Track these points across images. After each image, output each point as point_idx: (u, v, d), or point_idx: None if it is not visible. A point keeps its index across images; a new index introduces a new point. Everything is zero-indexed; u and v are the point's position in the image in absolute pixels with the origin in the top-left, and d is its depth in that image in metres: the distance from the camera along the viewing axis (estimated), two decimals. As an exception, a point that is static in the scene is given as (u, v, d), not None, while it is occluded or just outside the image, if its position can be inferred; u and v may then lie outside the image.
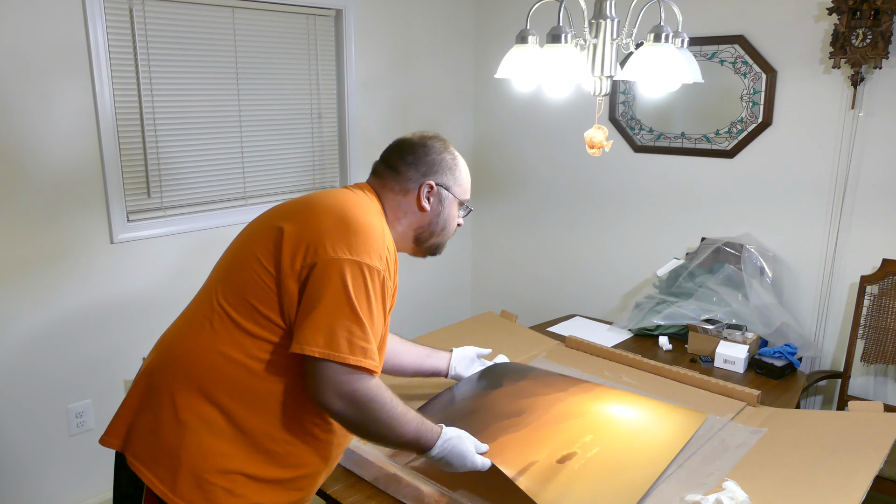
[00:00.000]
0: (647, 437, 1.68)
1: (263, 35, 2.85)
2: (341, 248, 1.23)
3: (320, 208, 1.31)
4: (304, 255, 1.24)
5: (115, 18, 2.42)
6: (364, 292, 1.23)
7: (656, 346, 2.50)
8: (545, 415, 1.71)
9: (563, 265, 3.56)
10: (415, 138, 1.52)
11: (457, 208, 1.54)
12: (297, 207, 1.36)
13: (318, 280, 1.21)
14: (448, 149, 1.52)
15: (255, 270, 1.27)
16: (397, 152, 1.49)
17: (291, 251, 1.25)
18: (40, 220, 2.34)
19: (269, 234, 1.30)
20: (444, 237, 1.54)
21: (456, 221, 1.55)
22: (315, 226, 1.27)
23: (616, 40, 1.73)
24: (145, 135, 2.57)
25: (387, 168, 1.49)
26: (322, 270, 1.22)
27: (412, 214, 1.47)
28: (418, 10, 3.39)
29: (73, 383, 2.50)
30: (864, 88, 2.53)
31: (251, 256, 1.29)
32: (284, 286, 1.24)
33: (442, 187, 1.48)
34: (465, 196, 1.54)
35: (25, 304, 2.35)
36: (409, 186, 1.46)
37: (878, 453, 1.52)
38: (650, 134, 3.12)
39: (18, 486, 2.42)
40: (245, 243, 1.36)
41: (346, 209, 1.30)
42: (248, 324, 1.26)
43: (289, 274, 1.24)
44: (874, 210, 2.59)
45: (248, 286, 1.27)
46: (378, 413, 1.25)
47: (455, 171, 1.51)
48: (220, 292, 1.31)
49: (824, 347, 2.78)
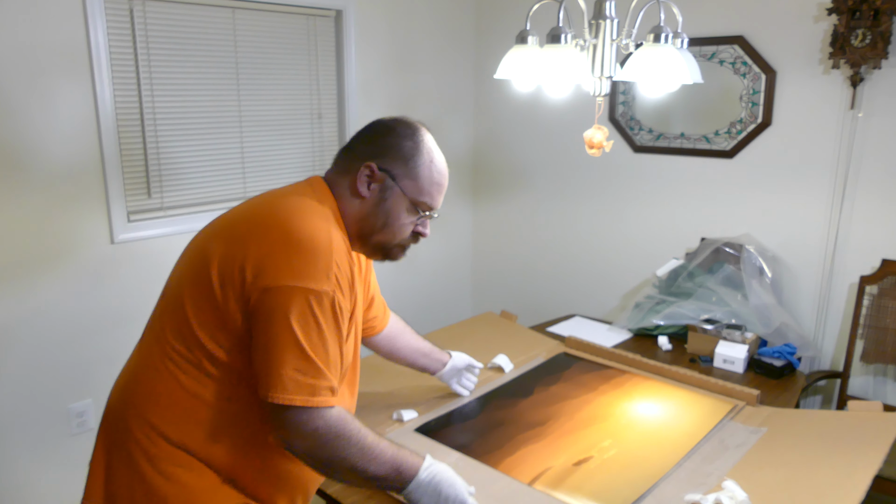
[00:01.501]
0: (666, 434, 1.72)
1: (263, 35, 2.85)
2: (281, 273, 1.10)
3: (253, 223, 1.17)
4: (241, 286, 1.12)
5: (115, 19, 2.42)
6: (312, 323, 1.11)
7: (656, 346, 2.50)
8: (569, 421, 1.77)
9: (563, 265, 3.56)
10: (384, 118, 1.33)
11: (406, 208, 1.28)
12: (227, 223, 1.22)
13: (260, 316, 1.11)
14: (416, 138, 1.28)
15: (193, 305, 1.16)
16: (362, 130, 1.33)
17: (224, 280, 1.13)
18: (40, 220, 2.34)
19: (199, 262, 1.18)
20: (388, 236, 1.29)
21: (406, 224, 1.30)
22: (248, 247, 1.13)
23: (616, 41, 1.73)
24: (145, 135, 2.57)
25: (345, 149, 1.33)
26: (262, 304, 1.10)
27: (352, 201, 1.27)
28: (418, 10, 3.39)
29: (73, 383, 2.50)
30: (863, 89, 2.53)
31: (186, 290, 1.18)
32: (229, 321, 1.14)
33: (386, 174, 1.26)
34: (419, 196, 1.28)
35: (25, 304, 2.35)
36: (352, 165, 1.27)
37: (878, 453, 1.52)
38: (650, 134, 3.12)
39: (18, 486, 2.42)
40: (180, 274, 1.23)
41: (282, 221, 1.15)
42: (206, 364, 1.17)
43: (229, 310, 1.14)
44: (874, 210, 2.59)
45: (192, 322, 1.16)
46: (346, 447, 1.14)
47: (411, 161, 1.27)
48: (167, 330, 1.20)
49: (824, 347, 2.79)
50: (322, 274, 1.12)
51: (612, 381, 2.05)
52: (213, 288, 1.14)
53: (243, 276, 1.12)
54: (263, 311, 1.11)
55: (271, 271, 1.10)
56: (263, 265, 1.11)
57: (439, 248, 3.77)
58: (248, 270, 1.11)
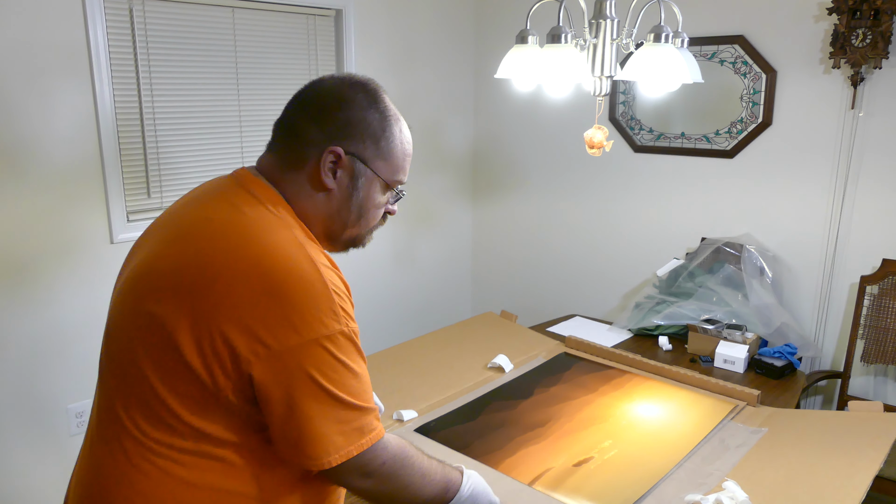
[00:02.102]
0: (666, 434, 1.72)
1: (263, 35, 2.85)
2: (282, 334, 0.90)
3: (211, 272, 0.92)
4: (233, 362, 0.91)
5: (115, 18, 2.42)
6: (338, 367, 0.95)
7: (656, 346, 2.50)
8: (569, 422, 1.77)
9: (563, 265, 3.56)
10: (326, 81, 1.06)
11: (380, 190, 1.08)
12: (170, 272, 0.95)
13: (273, 387, 0.92)
14: (377, 105, 1.05)
15: (170, 389, 0.93)
16: (302, 103, 1.05)
17: (207, 360, 0.91)
18: (40, 220, 2.34)
19: (157, 334, 0.93)
20: (362, 228, 1.10)
21: (379, 208, 1.11)
22: (222, 311, 0.90)
23: (616, 40, 1.73)
24: (145, 135, 2.57)
25: (285, 131, 1.06)
26: (272, 374, 0.91)
27: (314, 196, 1.04)
28: (418, 10, 3.39)
29: (73, 383, 2.50)
30: (863, 88, 2.53)
31: (152, 372, 0.94)
32: (226, 400, 0.94)
33: (356, 158, 1.03)
34: (394, 175, 1.09)
35: (25, 304, 2.35)
36: (306, 154, 1.02)
37: (878, 453, 1.52)
38: (650, 134, 3.12)
39: (19, 486, 2.42)
40: (130, 349, 0.97)
41: (252, 263, 0.92)
42: (215, 450, 0.96)
43: (221, 388, 0.92)
44: (874, 210, 2.59)
45: (175, 408, 0.94)
46: (411, 473, 1.05)
47: (382, 139, 1.05)
48: (139, 419, 0.95)
49: (824, 347, 2.78)
50: (327, 314, 0.93)
51: (612, 381, 2.05)
52: (194, 368, 0.91)
53: (232, 349, 0.90)
54: (277, 381, 0.92)
55: (269, 337, 0.90)
56: (255, 332, 0.90)
57: (439, 247, 3.77)
58: (236, 342, 0.90)
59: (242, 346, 0.90)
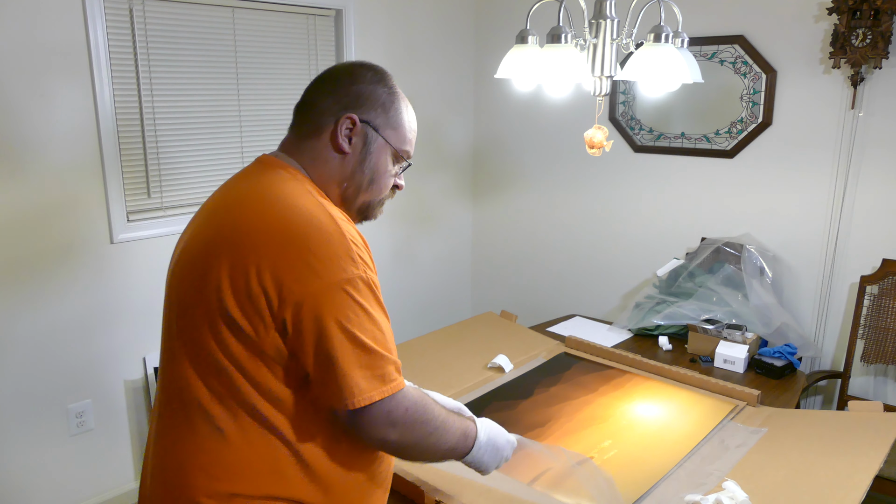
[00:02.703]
0: (666, 435, 1.72)
1: (263, 35, 2.85)
2: (305, 280, 0.98)
3: (240, 235, 1.02)
4: (270, 313, 1.00)
5: (115, 18, 2.42)
6: (358, 310, 1.01)
7: (656, 346, 2.50)
8: (569, 422, 1.77)
9: (563, 265, 3.56)
10: (341, 65, 1.20)
11: (391, 160, 1.19)
12: (205, 244, 1.06)
13: (304, 332, 1.00)
14: (388, 83, 1.18)
15: (229, 352, 1.02)
16: (318, 82, 1.18)
17: (250, 316, 1.00)
18: (40, 220, 2.34)
19: (207, 299, 1.02)
20: (373, 194, 1.19)
21: (390, 177, 1.20)
22: (254, 263, 0.99)
23: (616, 40, 1.73)
24: (145, 135, 2.57)
25: (302, 108, 1.18)
26: (301, 320, 0.99)
27: (331, 161, 1.14)
28: (418, 10, 3.39)
29: (73, 383, 2.50)
30: (864, 88, 2.53)
31: (210, 340, 1.03)
32: (275, 353, 1.02)
33: (368, 125, 1.14)
34: (402, 145, 1.19)
35: (25, 304, 2.35)
36: (323, 122, 1.13)
37: (878, 453, 1.52)
38: (650, 134, 3.12)
39: (18, 486, 2.42)
40: (189, 321, 1.06)
41: (274, 220, 1.02)
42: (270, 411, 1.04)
43: (268, 342, 1.01)
44: (874, 210, 2.59)
45: (233, 370, 1.02)
46: (431, 421, 1.10)
47: (390, 109, 1.17)
48: (206, 385, 1.04)
49: (824, 347, 2.78)
50: (345, 260, 1.01)
51: (612, 381, 2.05)
52: (238, 323, 1.00)
53: (267, 297, 0.99)
54: (306, 326, 0.99)
55: (294, 283, 0.98)
56: (282, 279, 0.98)
57: (439, 247, 3.77)
58: (268, 290, 0.99)
59: (273, 294, 0.99)
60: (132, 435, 2.69)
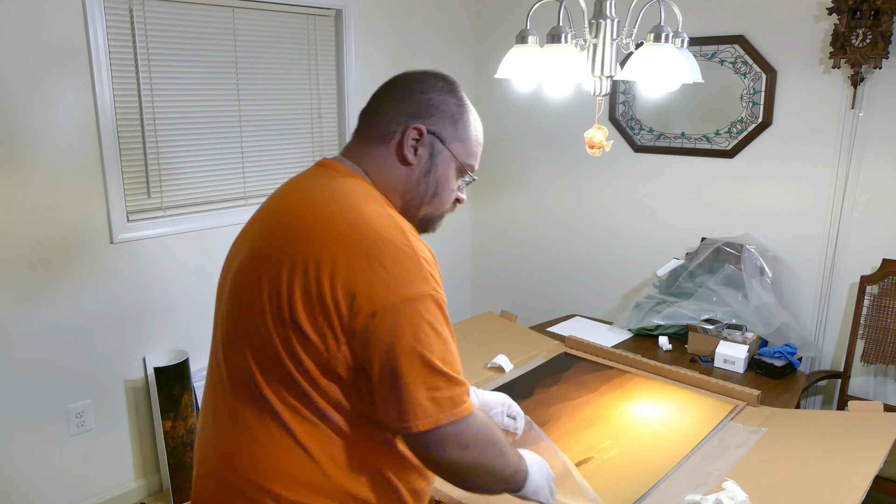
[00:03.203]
0: (666, 435, 1.72)
1: (263, 35, 2.85)
2: (377, 294, 0.95)
3: (311, 240, 0.99)
4: (340, 324, 0.96)
5: (115, 18, 2.42)
6: (429, 331, 0.98)
7: (656, 346, 2.50)
8: (569, 422, 1.77)
9: (563, 265, 3.56)
10: (411, 72, 1.15)
11: (455, 173, 1.15)
12: (272, 244, 1.03)
13: (372, 347, 0.96)
14: (458, 94, 1.14)
15: (292, 355, 0.99)
16: (387, 88, 1.15)
17: (319, 326, 0.97)
18: (40, 220, 2.34)
19: (269, 300, 1.00)
20: (436, 207, 1.15)
21: (453, 191, 1.16)
22: (326, 272, 0.96)
23: (616, 40, 1.73)
24: (145, 135, 2.57)
25: (369, 113, 1.15)
26: (371, 334, 0.96)
27: (395, 170, 1.10)
28: (418, 10, 3.39)
29: (73, 383, 2.50)
30: (864, 88, 2.53)
31: (278, 338, 1.00)
32: (343, 364, 0.99)
33: (435, 136, 1.11)
34: (468, 159, 1.15)
35: (25, 304, 2.35)
36: (390, 129, 1.10)
37: (878, 453, 1.52)
38: (650, 134, 3.12)
39: (19, 486, 2.42)
40: (252, 316, 1.02)
41: (345, 229, 0.99)
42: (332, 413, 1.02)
43: (339, 354, 0.98)
44: (874, 210, 2.59)
45: (297, 373, 0.99)
46: (494, 447, 1.07)
47: (459, 122, 1.13)
48: (266, 382, 1.01)
49: (824, 347, 2.78)
50: (417, 276, 0.98)
51: (612, 381, 2.05)
52: (308, 335, 0.97)
53: (338, 309, 0.96)
54: (375, 341, 0.96)
55: (365, 297, 0.95)
56: (354, 294, 0.95)
57: (439, 247, 3.77)
58: (340, 303, 0.96)
59: (344, 307, 0.96)
60: (132, 435, 2.69)
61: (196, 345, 2.80)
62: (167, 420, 2.60)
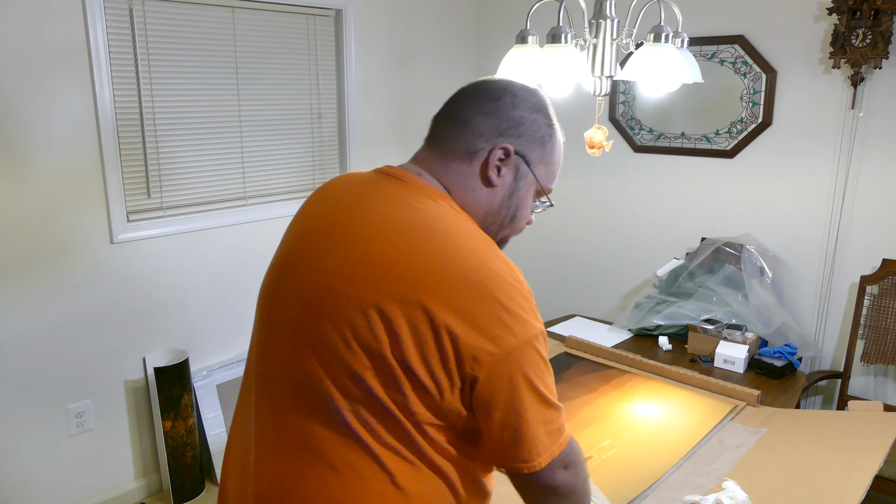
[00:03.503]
0: (666, 434, 1.72)
1: (263, 35, 2.85)
2: (500, 336, 0.89)
3: (419, 275, 0.89)
4: (459, 369, 0.89)
5: (115, 18, 2.42)
6: (543, 367, 0.94)
7: (656, 346, 2.50)
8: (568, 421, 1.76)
9: (563, 265, 3.56)
10: (501, 81, 1.05)
11: (533, 196, 1.07)
12: (386, 272, 0.90)
13: (494, 390, 0.90)
14: (546, 111, 1.05)
15: (398, 400, 0.90)
16: (472, 96, 1.04)
17: (434, 361, 0.89)
18: (40, 220, 2.34)
19: (375, 333, 0.89)
20: (513, 230, 1.08)
21: (529, 214, 1.09)
22: (448, 313, 0.87)
23: (616, 40, 1.73)
24: (145, 135, 2.57)
25: (450, 122, 1.04)
26: (491, 378, 0.90)
27: (477, 191, 1.02)
28: (418, 10, 3.39)
29: (73, 383, 2.50)
30: (864, 88, 2.53)
31: (374, 382, 0.90)
32: (453, 409, 0.92)
33: (521, 158, 1.02)
34: (548, 183, 1.08)
35: (25, 304, 2.35)
36: (477, 146, 1.00)
37: (878, 453, 1.52)
38: (650, 134, 3.12)
39: (19, 486, 2.42)
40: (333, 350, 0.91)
41: (451, 259, 0.90)
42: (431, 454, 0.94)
43: (451, 398, 0.91)
44: (874, 210, 2.59)
45: (401, 415, 0.91)
46: (582, 462, 1.04)
47: (547, 144, 1.04)
48: (350, 415, 0.91)
49: (824, 347, 2.78)
50: (530, 313, 0.93)
51: (612, 381, 2.05)
52: (421, 379, 0.89)
53: (459, 361, 0.88)
54: (496, 386, 0.90)
55: (489, 343, 0.88)
56: (476, 340, 0.88)
57: (439, 248, 3.77)
58: (462, 353, 0.88)
59: (466, 356, 0.88)
60: (132, 435, 2.69)
61: (196, 345, 2.80)
62: (167, 420, 2.60)
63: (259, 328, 1.04)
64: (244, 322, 2.95)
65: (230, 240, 2.86)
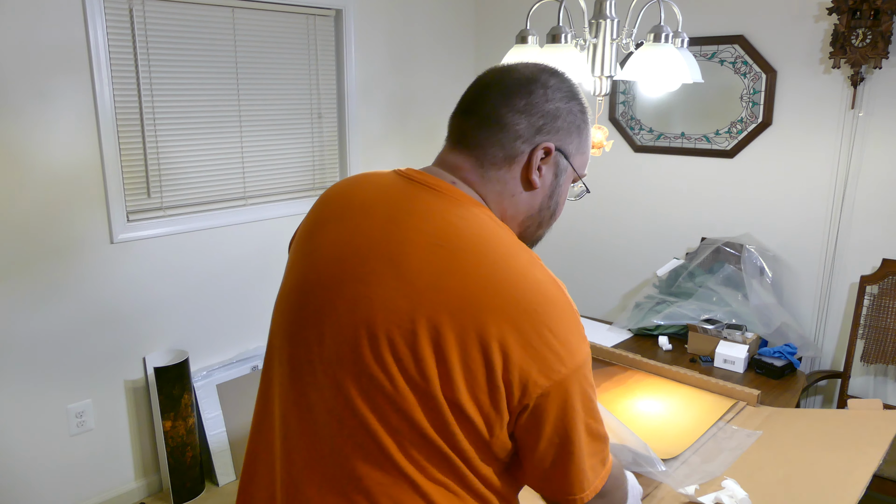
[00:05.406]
0: (666, 432, 1.72)
1: (263, 35, 2.85)
2: (549, 366, 0.83)
3: (473, 295, 0.83)
4: (509, 404, 0.84)
5: (115, 18, 2.42)
6: (591, 395, 0.89)
7: (656, 346, 2.50)
8: None
9: (563, 265, 3.56)
10: (526, 70, 0.95)
11: (569, 186, 1.01)
12: (437, 296, 0.83)
13: (543, 422, 0.86)
14: (577, 96, 0.97)
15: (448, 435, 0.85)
16: (501, 92, 0.93)
17: (483, 396, 0.83)
18: (40, 220, 2.34)
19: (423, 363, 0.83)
20: (550, 227, 1.04)
21: (564, 205, 1.04)
22: (501, 343, 0.82)
23: (616, 40, 1.73)
24: (145, 135, 2.57)
25: (483, 124, 0.93)
26: (540, 411, 0.85)
27: (517, 196, 0.95)
28: (418, 10, 3.39)
29: (73, 383, 2.50)
30: (864, 88, 2.53)
31: (421, 417, 0.84)
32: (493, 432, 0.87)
33: (562, 154, 0.95)
34: (583, 170, 1.01)
35: (26, 304, 2.35)
36: (517, 149, 0.92)
37: (877, 451, 1.52)
38: (650, 134, 3.12)
39: (18, 486, 2.42)
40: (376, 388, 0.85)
41: (502, 283, 0.84)
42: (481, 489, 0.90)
43: (496, 431, 0.86)
44: (874, 210, 2.59)
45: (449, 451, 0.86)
46: (623, 484, 1.04)
47: (583, 132, 0.98)
48: (392, 448, 0.85)
49: (824, 347, 2.78)
50: (580, 338, 0.87)
51: (612, 378, 2.05)
52: (470, 415, 0.84)
53: (509, 394, 0.83)
54: (545, 418, 0.85)
55: (540, 374, 0.83)
56: (528, 372, 0.82)
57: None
58: (514, 387, 0.83)
59: (517, 388, 0.83)
60: (132, 435, 2.69)
61: (196, 345, 2.80)
62: (167, 420, 2.60)
63: (284, 354, 0.95)
64: (244, 322, 2.95)
65: (230, 240, 2.86)
